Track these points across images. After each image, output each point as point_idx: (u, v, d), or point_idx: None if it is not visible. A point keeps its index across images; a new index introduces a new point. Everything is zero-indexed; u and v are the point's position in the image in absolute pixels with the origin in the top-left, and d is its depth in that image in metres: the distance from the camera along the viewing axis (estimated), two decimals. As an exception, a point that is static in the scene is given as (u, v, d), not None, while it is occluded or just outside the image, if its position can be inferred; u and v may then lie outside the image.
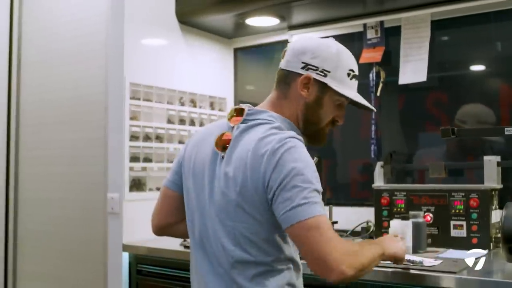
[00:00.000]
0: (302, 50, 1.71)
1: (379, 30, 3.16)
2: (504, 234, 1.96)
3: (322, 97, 1.72)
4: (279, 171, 1.53)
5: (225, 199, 1.62)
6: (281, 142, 1.56)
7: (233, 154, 1.63)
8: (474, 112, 3.03)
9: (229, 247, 1.62)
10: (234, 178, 1.60)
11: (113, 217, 3.03)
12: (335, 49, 1.72)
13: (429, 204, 2.65)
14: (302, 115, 1.73)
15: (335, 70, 1.70)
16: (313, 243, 1.47)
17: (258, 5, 3.12)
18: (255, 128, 1.65)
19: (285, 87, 1.74)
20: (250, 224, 1.59)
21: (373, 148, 3.18)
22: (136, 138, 3.08)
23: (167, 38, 3.35)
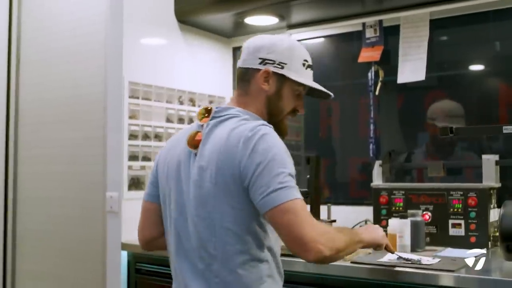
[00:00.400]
0: (257, 47, 1.80)
1: (378, 29, 3.16)
2: (502, 232, 1.96)
3: (281, 89, 1.80)
4: (253, 158, 1.59)
5: (201, 192, 1.66)
6: (253, 130, 1.63)
7: (205, 149, 1.69)
8: (442, 108, 3.07)
9: (209, 239, 1.65)
10: (209, 170, 1.65)
11: (112, 216, 3.04)
12: (288, 42, 1.83)
13: (427, 203, 2.66)
14: (264, 108, 1.80)
15: (290, 62, 1.79)
16: (290, 224, 1.54)
17: (257, 4, 3.12)
18: (225, 122, 1.71)
19: (245, 84, 1.81)
20: (228, 213, 1.63)
21: (372, 147, 3.19)
22: (135, 137, 3.08)
23: (166, 37, 3.35)
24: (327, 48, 3.60)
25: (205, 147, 1.69)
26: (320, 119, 3.60)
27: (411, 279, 2.05)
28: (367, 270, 2.15)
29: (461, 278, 1.95)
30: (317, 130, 3.65)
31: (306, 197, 2.59)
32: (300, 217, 1.54)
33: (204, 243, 1.67)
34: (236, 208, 1.63)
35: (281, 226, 1.56)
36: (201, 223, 1.67)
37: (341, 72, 3.60)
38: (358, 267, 2.17)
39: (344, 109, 3.52)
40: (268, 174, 1.56)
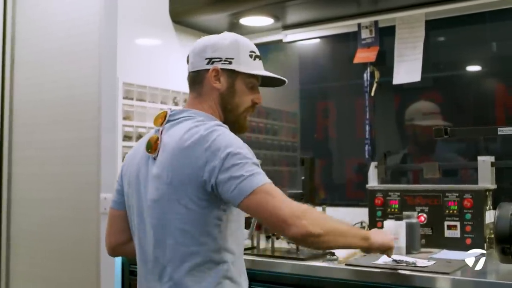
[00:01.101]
0: (202, 48, 1.81)
1: (373, 30, 3.16)
2: (497, 234, 1.95)
3: (233, 84, 1.80)
4: (214, 157, 1.59)
5: (157, 194, 1.67)
6: (208, 129, 1.64)
7: (163, 152, 1.69)
8: (417, 108, 3.11)
9: (163, 240, 1.66)
10: (165, 171, 1.66)
11: (106, 218, 2.99)
12: (231, 37, 1.83)
13: (423, 204, 2.65)
14: (219, 106, 1.80)
15: (237, 56, 1.79)
16: (267, 205, 1.55)
17: (252, 5, 3.11)
18: (180, 124, 1.73)
19: (198, 86, 1.82)
20: (184, 214, 1.63)
21: (367, 148, 3.17)
22: (129, 138, 3.06)
23: (161, 38, 3.34)
24: (323, 49, 3.59)
25: (162, 150, 1.70)
26: (316, 120, 3.59)
27: (406, 282, 2.04)
28: (361, 273, 2.14)
29: (456, 280, 1.94)
30: (313, 131, 3.64)
31: (301, 198, 2.57)
32: (276, 197, 1.56)
33: (159, 246, 1.68)
34: (192, 209, 1.63)
35: (259, 210, 1.56)
36: (157, 225, 1.68)
37: (337, 73, 3.59)
38: (352, 269, 2.16)
39: (340, 110, 3.52)
40: (232, 167, 1.57)
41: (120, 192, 1.89)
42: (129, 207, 1.82)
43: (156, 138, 1.73)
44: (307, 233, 1.53)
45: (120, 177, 1.90)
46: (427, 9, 2.99)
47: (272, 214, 1.54)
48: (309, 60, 3.66)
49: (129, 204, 1.82)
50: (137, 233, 1.78)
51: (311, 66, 3.65)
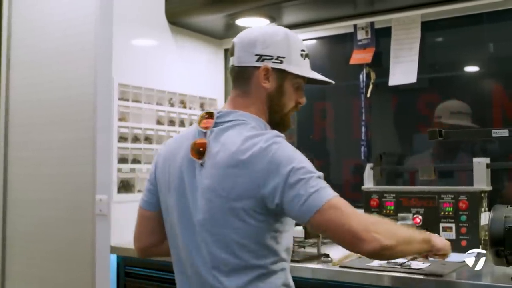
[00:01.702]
0: (251, 42, 1.69)
1: (369, 31, 3.15)
2: (492, 237, 1.95)
3: (282, 84, 1.71)
4: (276, 172, 1.51)
5: (211, 206, 1.58)
6: (268, 141, 1.55)
7: (213, 160, 1.60)
8: (447, 106, 3.05)
9: (220, 254, 1.58)
10: (220, 183, 1.57)
11: (101, 219, 3.01)
12: (283, 33, 1.72)
13: (418, 206, 2.64)
14: (267, 107, 1.71)
15: (288, 54, 1.69)
16: (337, 221, 1.47)
17: (248, 6, 3.10)
18: (231, 131, 1.63)
19: (244, 83, 1.71)
20: (241, 229, 1.56)
21: (363, 150, 3.17)
22: (124, 140, 3.06)
23: (157, 39, 3.33)
24: (320, 50, 3.59)
25: (213, 158, 1.60)
26: (313, 121, 3.59)
27: (400, 284, 2.04)
28: (356, 275, 2.13)
29: (451, 283, 1.93)
30: (310, 132, 3.63)
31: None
32: (346, 211, 1.48)
33: (215, 259, 1.59)
34: (251, 223, 1.55)
35: (328, 226, 1.49)
36: (211, 238, 1.59)
37: (334, 74, 3.57)
38: (347, 271, 2.16)
39: (338, 111, 3.51)
40: (297, 183, 1.49)
41: (153, 192, 1.79)
42: (167, 211, 1.72)
43: (204, 143, 1.63)
44: (381, 247, 1.47)
45: (153, 177, 1.80)
46: (423, 10, 2.99)
47: (344, 230, 1.47)
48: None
49: (167, 208, 1.72)
50: (181, 241, 1.67)
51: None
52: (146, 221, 1.83)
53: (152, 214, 1.80)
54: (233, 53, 1.73)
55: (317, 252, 2.45)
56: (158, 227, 1.80)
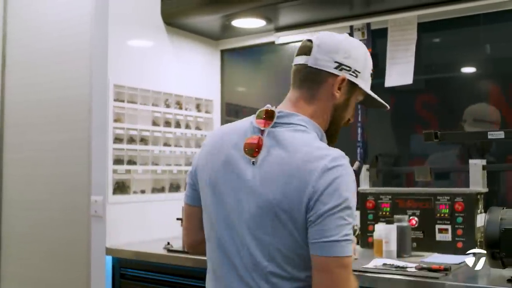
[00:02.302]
0: (334, 48, 1.61)
1: (365, 32, 3.15)
2: (487, 239, 1.94)
3: (349, 98, 1.65)
4: (330, 196, 1.44)
5: (258, 212, 1.51)
6: (335, 162, 1.47)
7: (267, 161, 1.53)
8: (472, 111, 2.99)
9: (263, 262, 1.51)
10: (271, 188, 1.50)
11: (97, 220, 3.00)
12: (364, 48, 1.69)
13: (414, 208, 2.64)
14: (330, 116, 1.65)
15: (363, 70, 1.65)
16: (339, 280, 1.45)
17: (244, 7, 3.10)
18: (292, 134, 1.55)
19: (313, 86, 1.62)
20: (287, 239, 1.49)
21: (359, 151, 3.17)
22: (120, 141, 3.05)
23: (153, 40, 3.32)
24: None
25: (268, 159, 1.52)
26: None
27: (396, 286, 2.03)
28: (352, 277, 2.12)
29: (446, 285, 1.93)
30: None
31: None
32: (348, 276, 1.47)
33: (256, 264, 1.52)
34: (293, 234, 1.48)
35: (327, 277, 1.46)
36: (254, 244, 1.52)
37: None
38: (342, 274, 2.15)
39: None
40: (336, 219, 1.43)
41: (194, 187, 1.71)
42: (207, 207, 1.64)
43: (260, 140, 1.54)
44: None
45: (194, 170, 1.71)
46: (420, 11, 2.98)
47: None
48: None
49: (206, 203, 1.64)
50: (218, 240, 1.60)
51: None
52: (191, 217, 1.77)
53: (196, 209, 1.72)
54: (308, 53, 1.62)
55: (312, 254, 2.44)
56: None
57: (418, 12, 2.99)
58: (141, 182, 3.13)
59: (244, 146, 1.55)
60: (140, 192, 3.12)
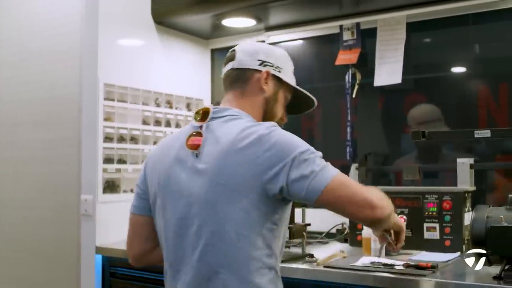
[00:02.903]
0: (255, 50, 1.80)
1: (355, 32, 3.16)
2: (473, 237, 1.96)
3: (277, 92, 1.80)
4: (282, 154, 1.55)
5: (209, 198, 1.58)
6: (268, 129, 1.60)
7: (210, 151, 1.61)
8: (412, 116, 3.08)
9: (217, 246, 1.58)
10: (218, 173, 1.58)
11: (86, 219, 3.00)
12: (281, 50, 1.88)
13: (402, 206, 2.65)
14: (262, 110, 1.78)
15: (285, 67, 1.83)
16: (349, 194, 1.56)
17: (234, 6, 3.10)
18: (228, 123, 1.66)
19: (242, 85, 1.78)
20: (242, 219, 1.56)
21: (349, 150, 3.18)
22: (110, 140, 3.04)
23: (143, 39, 3.32)
24: (307, 50, 3.59)
25: (209, 148, 1.62)
26: (301, 121, 3.59)
27: (384, 284, 2.04)
28: (340, 274, 2.14)
29: (434, 283, 1.94)
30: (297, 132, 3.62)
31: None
32: (353, 184, 1.59)
33: (210, 251, 1.58)
34: (251, 212, 1.56)
35: (340, 200, 1.57)
36: (208, 229, 1.58)
37: (321, 75, 3.60)
38: (331, 271, 2.16)
39: (325, 111, 3.51)
40: (302, 164, 1.54)
41: (142, 196, 1.79)
42: (159, 211, 1.71)
43: (200, 134, 1.65)
44: (388, 214, 1.64)
45: (142, 180, 1.80)
46: (409, 11, 3.00)
47: (355, 200, 1.56)
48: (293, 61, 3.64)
49: (159, 208, 1.71)
50: (172, 238, 1.67)
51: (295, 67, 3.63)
52: (138, 227, 1.82)
53: (144, 219, 1.80)
54: (233, 59, 1.80)
55: (301, 252, 2.45)
56: (150, 232, 1.79)
57: (407, 12, 3.00)
58: (131, 181, 3.12)
59: (185, 143, 1.66)
60: (130, 191, 3.11)
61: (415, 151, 3.12)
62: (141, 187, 1.81)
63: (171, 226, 1.67)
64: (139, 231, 1.82)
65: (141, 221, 1.80)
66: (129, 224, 1.85)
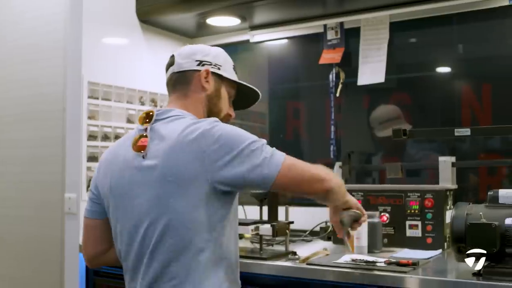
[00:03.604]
0: (191, 52, 1.85)
1: (339, 31, 3.18)
2: (453, 234, 1.98)
3: (219, 89, 1.85)
4: (226, 150, 1.59)
5: (158, 194, 1.62)
6: (211, 124, 1.64)
7: (156, 150, 1.65)
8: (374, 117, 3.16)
9: (166, 240, 1.61)
10: (165, 169, 1.61)
11: (70, 217, 2.99)
12: (218, 48, 1.91)
13: (385, 204, 2.67)
14: (205, 108, 1.83)
15: (224, 64, 1.87)
16: (298, 175, 1.66)
17: (218, 5, 3.11)
18: (172, 123, 1.70)
19: (184, 87, 1.82)
20: (190, 213, 1.60)
21: (332, 149, 3.20)
22: (94, 138, 3.04)
23: (128, 37, 3.31)
24: (292, 49, 3.60)
25: (154, 147, 1.65)
26: (285, 120, 3.61)
27: (365, 281, 2.06)
28: (323, 272, 2.14)
29: (416, 279, 1.96)
30: (282, 131, 3.64)
31: (264, 198, 2.58)
32: (300, 164, 1.67)
33: (162, 248, 1.62)
34: (199, 206, 1.60)
35: (292, 182, 1.65)
36: (158, 226, 1.62)
37: (306, 74, 3.61)
38: (313, 269, 2.17)
39: (310, 110, 3.53)
40: (251, 154, 1.60)
41: (95, 201, 1.83)
42: (114, 215, 1.75)
43: (145, 136, 1.68)
44: (337, 185, 1.74)
45: (94, 186, 1.84)
46: (392, 11, 3.02)
47: (306, 179, 1.67)
48: (278, 60, 3.67)
49: (112, 211, 1.75)
50: (127, 241, 1.70)
51: (280, 66, 3.66)
52: (91, 230, 1.87)
53: (97, 222, 1.85)
54: (172, 64, 1.85)
55: (284, 249, 2.46)
56: (104, 235, 1.84)
57: (391, 12, 3.03)
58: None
59: (132, 145, 1.70)
60: (114, 189, 3.11)
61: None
62: (94, 192, 1.84)
63: (126, 228, 1.71)
64: (92, 234, 1.87)
65: (93, 224, 1.86)
66: (83, 228, 1.90)
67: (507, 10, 2.79)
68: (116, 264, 1.86)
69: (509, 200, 1.99)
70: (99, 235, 1.85)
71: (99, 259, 1.91)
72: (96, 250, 1.88)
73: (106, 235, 1.83)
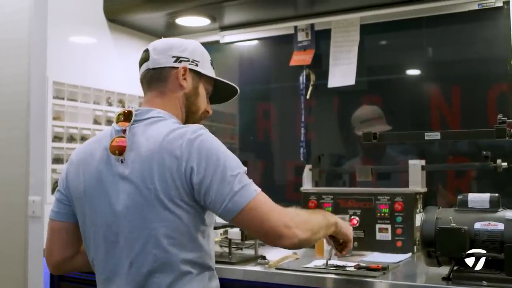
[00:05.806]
0: (167, 46, 1.76)
1: (309, 33, 3.17)
2: (423, 238, 1.97)
3: (197, 86, 1.79)
4: (202, 164, 1.53)
5: (137, 201, 1.56)
6: (195, 133, 1.58)
7: (136, 155, 1.59)
8: (356, 116, 3.13)
9: (148, 251, 1.56)
10: (145, 175, 1.56)
11: (34, 221, 2.92)
12: (195, 42, 1.83)
13: (355, 207, 2.67)
14: (184, 106, 1.77)
15: (202, 60, 1.80)
16: (259, 220, 1.53)
17: (188, 5, 3.07)
18: (152, 126, 1.64)
19: (160, 84, 1.74)
20: (170, 221, 1.55)
21: (303, 151, 3.18)
22: (59, 139, 2.97)
23: (95, 36, 3.25)
24: (260, 50, 3.58)
25: (134, 153, 1.59)
26: (256, 122, 3.58)
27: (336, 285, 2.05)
28: (292, 276, 2.13)
29: (383, 284, 1.95)
30: (252, 133, 3.62)
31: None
32: (266, 209, 1.54)
33: (143, 258, 1.57)
34: (179, 215, 1.55)
35: (251, 225, 1.55)
36: (137, 234, 1.57)
37: (277, 75, 3.59)
38: (283, 273, 2.15)
39: (281, 112, 3.51)
40: (222, 180, 1.53)
41: (64, 202, 1.75)
42: (86, 218, 1.67)
43: (123, 139, 1.61)
44: (299, 242, 1.57)
45: (63, 186, 1.76)
46: (363, 13, 3.02)
47: (264, 226, 1.53)
48: (249, 61, 3.64)
49: (86, 214, 1.67)
50: (102, 247, 1.64)
51: (250, 67, 3.64)
52: (58, 234, 1.78)
53: (65, 225, 1.76)
54: (147, 59, 1.77)
55: (254, 253, 2.43)
56: (71, 238, 1.76)
57: (361, 14, 3.02)
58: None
59: (109, 148, 1.62)
60: (80, 192, 3.05)
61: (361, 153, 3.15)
62: (63, 192, 1.76)
63: (101, 233, 1.64)
64: (59, 237, 1.78)
65: (61, 227, 1.77)
66: (48, 231, 1.80)
67: (476, 14, 2.81)
68: (83, 270, 1.80)
69: (478, 205, 1.99)
70: (67, 239, 1.76)
71: (65, 265, 1.81)
72: (64, 255, 1.78)
73: (74, 238, 1.75)
